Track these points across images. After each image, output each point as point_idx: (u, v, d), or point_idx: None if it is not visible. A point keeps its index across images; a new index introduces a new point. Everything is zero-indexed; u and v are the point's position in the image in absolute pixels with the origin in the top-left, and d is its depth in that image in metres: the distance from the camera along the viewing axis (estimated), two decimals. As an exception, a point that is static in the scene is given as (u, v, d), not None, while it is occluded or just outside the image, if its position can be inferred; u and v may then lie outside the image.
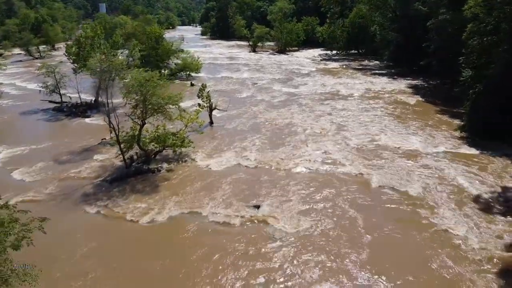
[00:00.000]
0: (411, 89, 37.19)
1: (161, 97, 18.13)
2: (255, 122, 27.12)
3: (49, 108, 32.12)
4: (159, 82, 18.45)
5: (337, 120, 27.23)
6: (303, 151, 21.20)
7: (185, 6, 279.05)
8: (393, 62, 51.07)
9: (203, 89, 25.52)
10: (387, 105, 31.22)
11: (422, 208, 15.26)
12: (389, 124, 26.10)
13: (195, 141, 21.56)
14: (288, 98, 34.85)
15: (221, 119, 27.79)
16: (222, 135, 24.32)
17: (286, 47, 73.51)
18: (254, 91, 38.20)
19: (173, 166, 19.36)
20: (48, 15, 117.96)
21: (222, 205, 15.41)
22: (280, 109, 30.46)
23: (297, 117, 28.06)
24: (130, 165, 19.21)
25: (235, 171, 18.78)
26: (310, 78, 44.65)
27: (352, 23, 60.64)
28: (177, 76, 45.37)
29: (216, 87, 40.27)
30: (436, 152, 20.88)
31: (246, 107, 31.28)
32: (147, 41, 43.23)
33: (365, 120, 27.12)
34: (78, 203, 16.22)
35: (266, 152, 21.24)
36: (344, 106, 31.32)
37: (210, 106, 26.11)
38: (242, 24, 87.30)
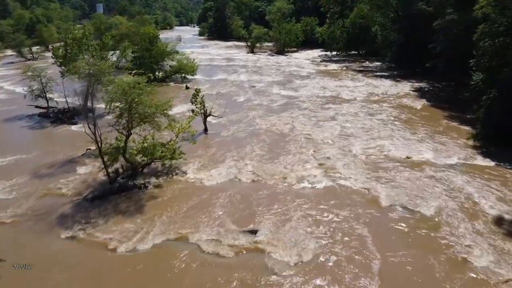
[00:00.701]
0: (416, 92, 35.54)
1: (148, 105, 16.40)
2: (253, 128, 25.42)
3: (34, 114, 30.36)
4: (146, 88, 16.70)
5: (340, 126, 25.55)
6: (305, 163, 19.50)
7: (183, 6, 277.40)
8: (395, 63, 49.46)
9: (197, 94, 23.80)
10: (392, 110, 29.55)
11: (437, 232, 13.60)
12: (396, 131, 24.43)
13: (187, 151, 19.88)
14: (288, 102, 33.16)
15: (217, 125, 26.09)
16: (217, 144, 22.61)
17: (284, 48, 71.85)
18: (252, 94, 36.51)
19: (162, 180, 17.63)
20: (43, 16, 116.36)
21: (214, 229, 13.69)
22: (279, 114, 28.77)
23: (297, 123, 26.37)
24: (115, 180, 17.48)
25: (231, 186, 17.07)
26: (310, 80, 42.98)
27: (353, 23, 58.98)
28: (171, 79, 43.67)
29: (212, 90, 38.59)
30: (449, 164, 19.21)
31: (244, 112, 29.57)
32: (141, 42, 41.50)
33: (369, 126, 25.45)
34: (54, 226, 14.50)
35: (265, 164, 19.54)
36: (346, 110, 29.64)
37: (205, 112, 24.40)
38: (240, 25, 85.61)
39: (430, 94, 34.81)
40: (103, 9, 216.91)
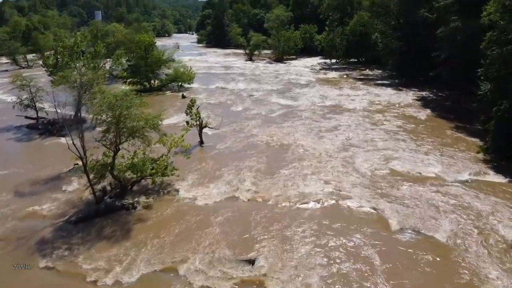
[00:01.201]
0: (420, 102, 34.46)
1: (137, 119, 15.18)
2: (251, 140, 24.20)
3: (23, 125, 29.09)
4: (135, 101, 15.48)
5: (342, 138, 24.36)
6: (306, 178, 18.27)
7: (182, 14, 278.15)
8: (397, 71, 48.52)
9: (192, 105, 22.61)
10: (395, 120, 28.42)
11: (451, 258, 12.39)
12: (401, 143, 23.24)
13: (181, 166, 18.63)
14: (287, 111, 32.01)
15: (213, 137, 24.86)
16: (213, 158, 21.36)
17: (283, 56, 71.01)
18: (250, 103, 35.37)
19: (152, 200, 16.35)
20: (40, 23, 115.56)
21: (207, 258, 12.39)
22: (278, 125, 27.59)
23: (297, 135, 25.17)
24: (102, 199, 16.19)
25: (227, 207, 15.80)
26: (310, 89, 41.91)
27: (353, 30, 58.14)
28: (168, 87, 42.54)
29: (209, 99, 37.46)
30: (460, 180, 18.01)
31: (241, 123, 28.37)
32: (136, 50, 40.45)
33: (373, 137, 24.28)
34: (33, 253, 13.18)
35: (264, 180, 18.29)
36: (348, 120, 28.49)
37: (200, 124, 23.19)
38: (238, 32, 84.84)
39: (434, 104, 33.72)
40: (102, 16, 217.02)
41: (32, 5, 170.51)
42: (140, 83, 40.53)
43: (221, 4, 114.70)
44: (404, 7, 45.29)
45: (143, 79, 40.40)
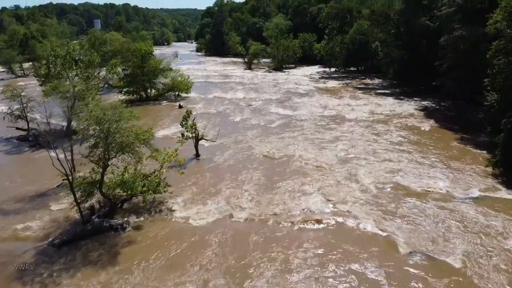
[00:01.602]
0: (422, 112, 33.61)
1: (127, 134, 14.19)
2: (249, 153, 23.22)
3: (14, 137, 28.15)
4: (124, 114, 14.50)
5: (344, 150, 23.42)
6: (308, 195, 17.28)
7: (181, 22, 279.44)
8: (398, 80, 47.82)
9: (188, 116, 21.69)
10: (398, 131, 27.51)
11: (466, 286, 11.34)
12: (406, 155, 22.29)
13: (175, 182, 17.70)
14: (286, 122, 31.13)
15: (210, 149, 23.88)
16: (209, 173, 20.35)
17: (282, 65, 70.46)
18: (248, 113, 34.50)
19: (143, 219, 15.32)
20: (38, 31, 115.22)
21: (200, 286, 11.34)
22: (277, 137, 26.67)
23: (298, 146, 24.23)
24: (90, 219, 15.16)
25: (223, 227, 14.76)
26: (309, 99, 41.12)
27: (352, 39, 57.61)
28: (164, 97, 41.69)
29: (207, 109, 36.60)
30: (471, 196, 17.02)
31: (239, 134, 27.43)
32: (132, 59, 39.70)
33: (376, 150, 23.34)
34: (12, 280, 12.11)
35: (262, 197, 17.29)
36: (350, 131, 27.58)
37: (196, 136, 22.25)
38: (237, 41, 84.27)
39: (437, 114, 32.87)
40: (101, 25, 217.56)
41: (31, 14, 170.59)
42: (136, 93, 39.69)
43: (220, 13, 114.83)
44: (404, 16, 44.82)
45: (139, 89, 39.57)
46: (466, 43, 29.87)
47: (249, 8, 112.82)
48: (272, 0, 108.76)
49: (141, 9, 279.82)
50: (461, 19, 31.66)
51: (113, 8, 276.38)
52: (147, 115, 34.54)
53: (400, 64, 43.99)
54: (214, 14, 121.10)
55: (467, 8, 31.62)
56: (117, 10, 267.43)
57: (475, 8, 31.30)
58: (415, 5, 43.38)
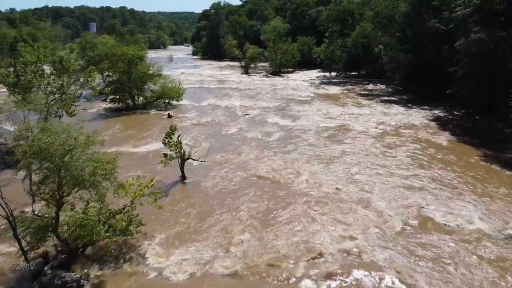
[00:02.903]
0: (435, 123, 30.56)
1: (81, 166, 11.01)
2: (243, 175, 20.04)
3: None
4: (80, 140, 11.33)
5: (352, 171, 20.29)
6: (314, 234, 14.15)
7: (178, 25, 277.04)
8: (403, 86, 44.91)
9: (172, 132, 18.51)
10: (412, 146, 24.44)
11: None
12: (425, 178, 19.18)
13: (152, 216, 14.56)
14: (286, 134, 28.04)
15: (198, 170, 20.69)
16: (196, 202, 17.16)
17: (280, 69, 67.56)
18: (244, 124, 31.39)
19: (108, 271, 12.10)
20: (29, 35, 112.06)
21: None
22: (276, 153, 23.55)
23: (299, 166, 21.11)
24: (42, 270, 11.97)
25: (208, 284, 11.58)
26: (310, 106, 38.09)
27: (355, 42, 54.73)
28: (154, 105, 38.50)
29: (199, 118, 33.46)
30: (509, 236, 13.94)
31: (233, 150, 24.27)
32: (116, 64, 36.59)
33: (390, 170, 20.25)
34: None
35: (260, 238, 14.11)
36: (357, 146, 24.50)
37: (182, 155, 19.08)
38: (234, 44, 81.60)
39: (452, 125, 29.85)
40: (97, 28, 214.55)
41: (24, 17, 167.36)
42: (122, 101, 36.54)
43: (216, 16, 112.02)
44: (411, 18, 42.00)
45: (125, 96, 36.43)
46: (484, 46, 26.99)
47: (246, 11, 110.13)
48: (269, 3, 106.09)
49: (138, 12, 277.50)
50: (478, 21, 28.81)
51: (109, 11, 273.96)
52: (131, 126, 31.41)
53: (407, 69, 41.08)
54: (210, 17, 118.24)
55: (484, 9, 28.78)
56: (113, 13, 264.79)
57: (492, 9, 28.48)
58: (422, 7, 40.66)
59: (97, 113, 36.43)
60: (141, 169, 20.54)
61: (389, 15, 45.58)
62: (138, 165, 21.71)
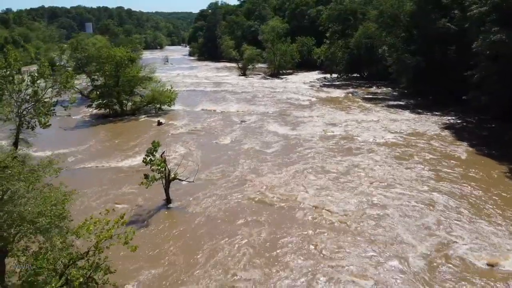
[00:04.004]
0: (449, 131, 28.01)
1: (30, 204, 8.40)
2: (238, 197, 17.41)
3: None
4: (15, 172, 8.70)
5: (364, 191, 17.72)
6: (325, 277, 11.56)
7: (176, 26, 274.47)
8: (409, 90, 42.38)
9: (155, 149, 15.85)
10: (428, 160, 21.85)
11: None
12: (448, 202, 16.58)
13: (129, 253, 11.88)
14: (287, 145, 25.45)
15: (186, 191, 17.95)
16: (180, 235, 14.50)
17: (279, 70, 65.02)
18: (240, 132, 28.79)
19: None
20: (21, 35, 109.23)
21: None
22: (276, 168, 20.96)
23: (303, 185, 18.51)
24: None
25: None
26: (312, 112, 35.55)
27: (358, 43, 52.18)
28: (144, 111, 35.81)
29: (191, 126, 30.83)
30: None
31: (227, 165, 21.64)
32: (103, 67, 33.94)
33: (408, 192, 17.63)
34: None
35: (258, 280, 11.55)
36: (367, 160, 21.89)
37: (167, 176, 16.43)
38: (231, 45, 78.96)
39: (468, 134, 27.27)
40: (93, 28, 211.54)
41: (17, 17, 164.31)
42: (108, 107, 33.86)
43: (214, 16, 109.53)
44: (417, 18, 39.50)
45: (113, 102, 33.78)
46: (505, 47, 24.49)
47: (244, 11, 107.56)
48: (268, 3, 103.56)
49: (135, 12, 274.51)
50: (495, 20, 26.30)
51: (106, 11, 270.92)
52: (117, 135, 28.77)
53: (414, 71, 38.53)
54: (207, 17, 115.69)
55: (503, 8, 26.29)
56: (110, 13, 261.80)
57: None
58: (429, 5, 38.19)
59: (82, 120, 33.73)
60: (123, 188, 17.97)
61: (394, 14, 43.07)
62: (120, 182, 19.09)
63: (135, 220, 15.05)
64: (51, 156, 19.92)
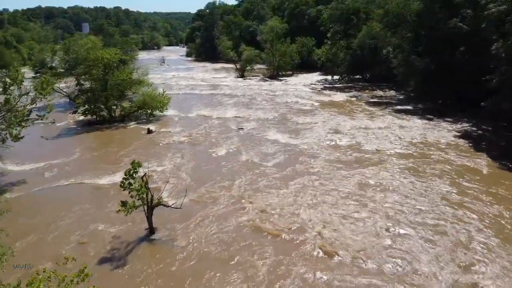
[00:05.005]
0: (465, 141, 25.66)
1: None
2: (233, 224, 14.99)
3: None
4: None
5: (378, 215, 15.35)
6: None
7: (174, 26, 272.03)
8: (416, 93, 40.03)
9: (134, 170, 13.40)
10: (446, 175, 19.49)
11: None
12: (474, 228, 14.26)
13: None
14: (289, 157, 23.05)
15: (172, 217, 15.27)
16: (163, 274, 12.11)
17: (278, 72, 62.65)
18: (237, 142, 26.39)
19: None
20: (14, 36, 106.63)
21: None
22: (278, 185, 18.58)
23: (306, 209, 16.08)
24: None
25: None
26: (314, 118, 33.19)
27: (362, 43, 49.82)
28: (134, 117, 33.34)
29: (183, 135, 28.41)
30: None
31: (221, 182, 19.19)
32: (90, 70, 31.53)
33: (430, 216, 15.26)
34: None
35: None
36: (380, 176, 19.48)
37: (149, 201, 13.99)
38: (228, 46, 76.59)
39: (486, 144, 24.92)
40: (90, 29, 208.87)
41: (12, 17, 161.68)
42: (95, 113, 31.41)
43: (211, 16, 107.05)
44: (425, 17, 37.20)
45: (100, 108, 31.34)
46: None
47: (242, 11, 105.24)
48: (266, 2, 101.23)
49: (133, 12, 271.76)
50: (518, 18, 24.01)
51: (103, 11, 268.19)
52: (102, 146, 26.35)
53: (423, 74, 36.20)
54: (205, 17, 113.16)
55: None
56: (107, 13, 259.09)
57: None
58: (437, 4, 35.91)
59: (66, 128, 31.22)
60: (100, 213, 15.57)
61: (400, 13, 40.76)
62: (97, 205, 16.70)
63: (110, 257, 12.66)
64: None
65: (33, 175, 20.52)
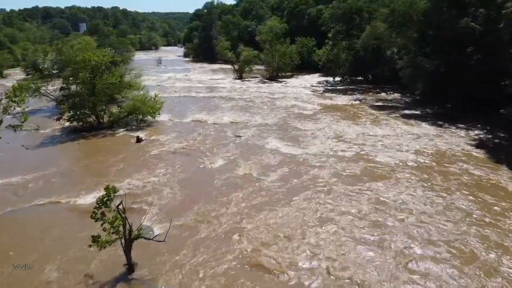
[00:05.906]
0: (481, 150, 23.50)
1: None
2: (227, 263, 12.70)
3: None
4: None
5: (397, 248, 13.21)
6: None
7: (172, 26, 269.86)
8: (428, 96, 37.89)
9: (109, 198, 11.23)
10: (466, 194, 17.36)
11: None
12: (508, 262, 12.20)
13: None
14: (291, 170, 20.87)
15: (156, 250, 12.97)
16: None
17: (278, 73, 60.55)
18: (234, 152, 24.24)
19: None
20: (8, 36, 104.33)
21: None
22: (278, 206, 16.43)
23: (314, 240, 13.88)
24: None
25: None
26: (316, 124, 31.08)
27: (365, 44, 47.70)
28: (123, 123, 31.14)
29: (175, 143, 26.21)
30: None
31: (214, 204, 16.91)
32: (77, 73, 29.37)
33: (457, 245, 13.19)
34: None
35: None
36: (394, 193, 17.38)
37: (127, 234, 11.79)
38: (226, 46, 74.41)
39: (505, 154, 22.75)
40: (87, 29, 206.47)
41: (7, 17, 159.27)
42: (81, 119, 29.21)
43: (209, 16, 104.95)
44: (432, 16, 35.13)
45: (87, 113, 29.16)
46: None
47: (240, 10, 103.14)
48: (265, 2, 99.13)
49: (130, 12, 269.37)
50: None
51: (101, 11, 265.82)
52: (84, 157, 24.17)
53: (432, 76, 34.10)
54: (203, 17, 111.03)
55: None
56: (105, 13, 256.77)
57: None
58: (447, 3, 33.85)
59: (50, 135, 28.99)
60: (73, 243, 13.38)
61: (406, 13, 38.66)
62: (70, 233, 14.52)
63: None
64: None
65: (4, 192, 18.35)
